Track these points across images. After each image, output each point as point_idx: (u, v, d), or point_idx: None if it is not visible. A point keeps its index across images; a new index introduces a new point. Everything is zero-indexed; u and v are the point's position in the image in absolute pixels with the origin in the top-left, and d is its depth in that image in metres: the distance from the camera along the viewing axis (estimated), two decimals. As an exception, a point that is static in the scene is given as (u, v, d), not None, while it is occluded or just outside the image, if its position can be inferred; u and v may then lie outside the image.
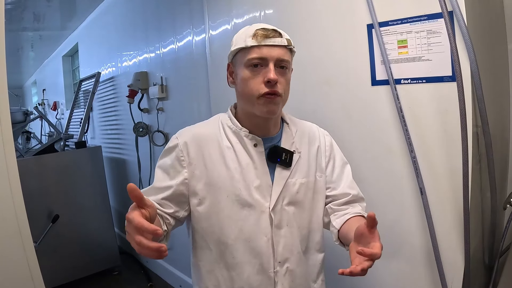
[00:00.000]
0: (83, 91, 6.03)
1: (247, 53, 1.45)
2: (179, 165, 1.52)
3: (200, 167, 1.52)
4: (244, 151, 1.53)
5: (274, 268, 1.51)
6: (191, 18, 3.48)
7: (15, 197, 1.92)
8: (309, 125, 1.74)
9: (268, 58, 1.42)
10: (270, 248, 1.51)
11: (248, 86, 1.46)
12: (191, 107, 3.66)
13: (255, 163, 1.51)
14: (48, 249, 4.15)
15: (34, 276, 1.97)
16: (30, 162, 4.37)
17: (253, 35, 1.44)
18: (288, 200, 1.54)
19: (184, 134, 1.57)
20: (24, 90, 13.56)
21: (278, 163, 1.54)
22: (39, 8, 5.28)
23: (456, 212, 1.79)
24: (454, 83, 1.68)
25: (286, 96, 1.51)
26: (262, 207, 1.50)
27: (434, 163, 1.85)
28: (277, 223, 1.51)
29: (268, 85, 1.42)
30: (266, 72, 1.41)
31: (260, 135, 1.54)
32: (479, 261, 1.98)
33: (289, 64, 1.49)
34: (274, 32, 1.44)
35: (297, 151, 1.59)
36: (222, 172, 1.50)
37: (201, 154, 1.52)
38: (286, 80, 1.48)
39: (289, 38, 1.48)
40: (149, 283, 4.52)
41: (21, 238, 1.94)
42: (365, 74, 2.04)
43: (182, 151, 1.52)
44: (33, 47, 7.84)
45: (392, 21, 1.91)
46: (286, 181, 1.54)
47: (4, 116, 1.88)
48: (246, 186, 1.49)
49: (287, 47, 1.46)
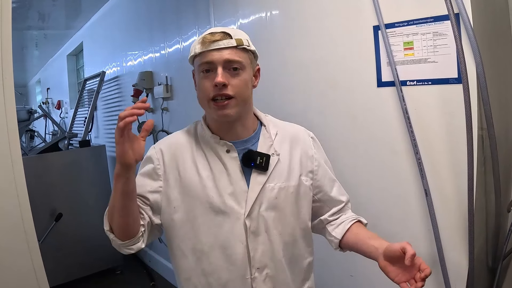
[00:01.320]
0: (88, 90, 6.05)
1: (198, 59, 1.45)
2: (155, 174, 1.52)
3: (174, 175, 1.51)
4: (216, 158, 1.50)
5: (251, 274, 1.48)
6: (196, 18, 3.49)
7: (20, 195, 1.92)
8: (293, 126, 1.68)
9: (215, 62, 1.40)
10: (246, 255, 1.47)
11: (201, 91, 1.46)
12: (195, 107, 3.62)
13: (228, 169, 1.48)
14: (51, 247, 4.15)
15: (38, 273, 1.98)
16: (34, 160, 4.39)
17: (201, 41, 1.43)
18: (266, 206, 1.49)
19: (160, 143, 1.59)
20: (28, 88, 13.61)
21: (252, 168, 1.49)
22: (44, 7, 5.30)
23: (461, 214, 1.79)
24: (459, 85, 1.68)
25: (242, 96, 1.44)
26: (237, 214, 1.46)
27: (439, 165, 1.85)
28: (254, 229, 1.47)
29: (216, 88, 1.40)
30: (215, 76, 1.40)
31: (231, 140, 1.51)
32: (483, 263, 1.98)
33: (243, 63, 1.44)
34: (222, 35, 1.42)
35: (276, 153, 1.53)
36: (195, 180, 1.48)
37: (175, 163, 1.51)
38: (239, 80, 1.43)
39: (241, 38, 1.44)
40: (151, 282, 4.52)
41: (25, 236, 1.94)
42: (371, 75, 2.05)
43: (158, 160, 1.52)
44: (37, 46, 7.86)
45: (398, 23, 1.91)
46: (262, 186, 1.49)
47: (10, 115, 1.89)
48: (219, 194, 1.46)
49: (238, 47, 1.43)
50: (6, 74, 1.87)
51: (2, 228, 1.88)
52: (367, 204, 2.15)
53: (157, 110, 4.36)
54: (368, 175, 2.12)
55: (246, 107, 1.50)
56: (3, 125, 1.87)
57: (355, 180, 2.18)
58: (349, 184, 2.15)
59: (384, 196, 2.06)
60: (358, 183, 2.17)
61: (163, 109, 4.20)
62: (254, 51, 1.50)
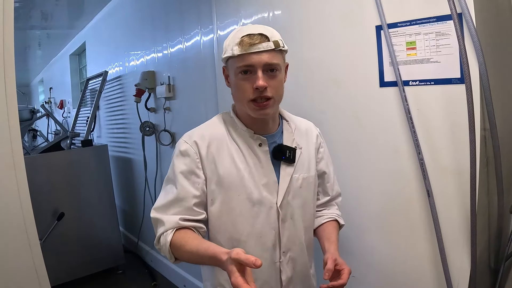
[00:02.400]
0: (90, 89, 6.05)
1: (235, 61, 1.49)
2: (197, 168, 1.55)
3: (211, 167, 1.56)
4: (250, 151, 1.59)
5: (280, 258, 1.61)
6: (199, 18, 3.49)
7: (22, 194, 1.92)
8: (305, 121, 1.81)
9: (255, 65, 1.45)
10: (277, 241, 1.60)
11: (239, 91, 1.52)
12: (198, 107, 3.66)
13: (261, 162, 1.59)
14: (53, 246, 4.17)
15: (39, 273, 1.98)
16: (36, 159, 4.39)
17: (239, 43, 1.46)
18: (292, 195, 1.62)
19: (193, 136, 1.60)
20: (31, 88, 13.64)
21: (283, 161, 1.61)
22: (47, 6, 5.30)
23: (463, 214, 1.79)
24: (462, 85, 1.68)
25: (279, 95, 1.55)
26: (271, 203, 1.58)
27: (441, 165, 1.85)
28: (283, 217, 1.60)
29: (257, 91, 1.46)
30: (255, 79, 1.46)
31: (262, 133, 1.61)
32: (485, 264, 1.97)
33: (279, 65, 1.50)
34: (260, 37, 1.46)
35: (299, 147, 1.66)
36: (233, 172, 1.55)
37: (211, 155, 1.56)
38: (277, 81, 1.51)
39: (277, 40, 1.49)
40: (153, 282, 4.52)
41: (27, 235, 1.94)
42: (374, 75, 2.04)
43: (196, 153, 1.55)
44: (40, 45, 7.87)
45: (401, 23, 1.90)
46: (290, 177, 1.62)
47: (12, 114, 1.89)
48: (255, 185, 1.56)
49: (276, 50, 1.48)
50: (8, 74, 1.87)
51: (4, 227, 1.88)
52: (369, 204, 2.15)
53: (160, 110, 4.37)
54: (370, 175, 2.12)
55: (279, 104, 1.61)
56: (5, 124, 1.87)
57: (357, 180, 2.18)
58: (351, 184, 2.15)
59: (386, 196, 2.06)
60: (360, 182, 2.17)
61: (166, 108, 4.20)
62: (287, 50, 1.56)
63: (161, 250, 1.52)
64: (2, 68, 1.86)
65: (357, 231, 2.18)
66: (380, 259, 2.12)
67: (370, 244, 2.17)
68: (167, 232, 1.49)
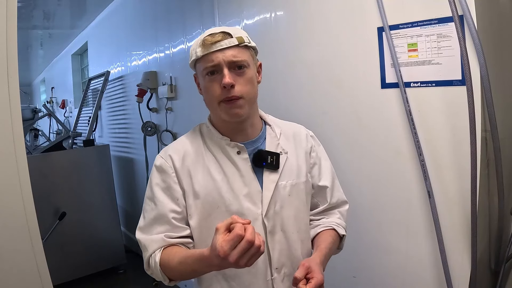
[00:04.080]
0: (92, 89, 6.06)
1: (201, 63, 1.44)
2: (173, 183, 1.48)
3: (187, 181, 1.48)
4: (227, 160, 1.49)
5: (271, 275, 1.48)
6: (201, 18, 3.49)
7: (24, 193, 1.93)
8: (294, 125, 1.69)
9: (220, 63, 1.39)
10: (267, 256, 1.47)
11: (208, 94, 1.45)
12: (200, 107, 3.63)
13: (241, 171, 1.48)
14: (54, 246, 4.18)
15: (41, 272, 1.98)
16: (38, 159, 4.40)
17: (201, 44, 1.42)
18: (280, 204, 1.50)
19: (167, 150, 1.54)
20: (32, 87, 13.65)
21: (264, 167, 1.50)
22: (49, 6, 5.31)
23: (464, 216, 1.79)
24: (463, 87, 1.68)
25: (250, 94, 1.44)
26: (254, 214, 1.45)
27: (442, 166, 1.85)
28: (271, 229, 1.47)
29: (225, 90, 1.39)
30: (221, 78, 1.38)
31: (241, 140, 1.51)
32: (485, 266, 1.97)
33: (247, 61, 1.43)
34: (222, 35, 1.40)
35: (284, 151, 1.54)
36: (209, 184, 1.46)
37: (186, 168, 1.49)
38: (245, 79, 1.42)
39: (241, 36, 1.42)
40: (154, 282, 4.52)
41: (29, 234, 1.95)
42: (375, 76, 2.05)
43: (171, 167, 1.49)
44: (42, 45, 7.88)
45: (402, 24, 1.91)
46: (276, 184, 1.50)
47: (15, 114, 1.90)
48: (234, 196, 1.45)
49: (240, 45, 1.42)
50: (11, 73, 1.88)
51: (6, 227, 1.89)
52: (369, 205, 2.15)
53: (161, 110, 4.37)
54: (371, 176, 2.12)
55: (254, 105, 1.51)
56: (8, 123, 1.87)
57: (358, 181, 2.18)
58: (352, 185, 2.15)
59: (387, 197, 2.06)
60: (361, 183, 2.18)
61: (167, 109, 4.21)
62: (254, 47, 1.49)
63: (153, 273, 1.44)
64: (5, 68, 1.87)
65: (358, 231, 2.18)
66: (380, 260, 2.12)
67: (370, 244, 2.17)
68: (154, 253, 1.42)
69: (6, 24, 1.86)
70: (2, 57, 1.85)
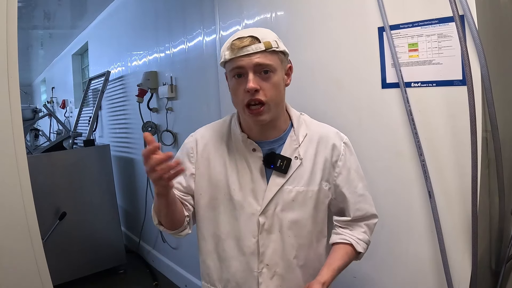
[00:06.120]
0: (92, 89, 6.06)
1: (228, 65, 1.48)
2: (188, 161, 1.64)
3: (204, 164, 1.63)
4: (241, 155, 1.58)
5: (258, 268, 1.56)
6: (201, 18, 3.49)
7: (25, 193, 1.93)
8: (324, 130, 1.67)
9: (245, 67, 1.43)
10: (256, 250, 1.56)
11: (234, 96, 1.52)
12: (200, 107, 3.66)
13: (251, 167, 1.57)
14: (55, 246, 4.17)
15: (41, 272, 1.99)
16: (38, 159, 4.40)
17: (230, 47, 1.45)
18: (282, 207, 1.55)
19: (197, 132, 1.70)
20: (33, 87, 13.66)
21: (273, 169, 1.55)
22: (50, 6, 5.31)
23: (464, 216, 1.79)
24: (464, 87, 1.68)
25: (274, 99, 1.48)
26: (253, 210, 1.55)
27: (443, 167, 1.85)
28: (268, 227, 1.55)
29: (249, 94, 1.44)
30: (247, 82, 1.43)
31: (260, 139, 1.58)
32: (486, 266, 1.97)
33: (273, 66, 1.45)
34: (250, 39, 1.43)
35: (299, 157, 1.56)
36: (222, 172, 1.60)
37: (207, 154, 1.63)
38: (271, 84, 1.46)
39: (268, 40, 1.45)
40: (154, 282, 4.52)
41: (29, 234, 1.95)
42: (376, 76, 2.05)
43: (192, 149, 1.65)
44: (43, 45, 7.88)
45: (403, 25, 1.91)
46: (280, 187, 1.54)
47: (15, 114, 1.90)
48: (240, 188, 1.56)
49: (268, 50, 1.44)
50: (11, 73, 1.88)
51: (6, 226, 1.89)
52: (370, 206, 2.15)
53: (162, 110, 4.37)
54: (372, 176, 2.11)
55: (278, 109, 1.54)
56: (8, 123, 1.88)
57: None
58: (353, 185, 2.14)
59: (387, 197, 2.06)
60: (362, 184, 2.17)
61: (168, 109, 4.20)
62: (284, 51, 1.51)
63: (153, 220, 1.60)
64: (5, 68, 1.87)
65: (359, 232, 2.18)
66: (380, 260, 2.12)
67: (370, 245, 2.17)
68: None
69: (6, 24, 1.86)
70: (2, 57, 1.86)
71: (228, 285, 1.61)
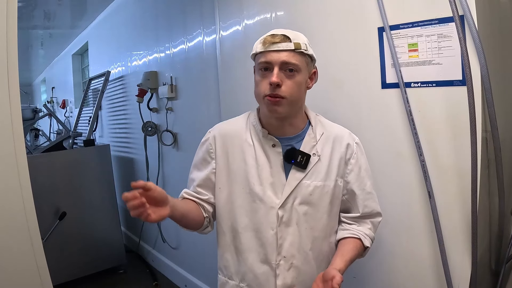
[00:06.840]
0: (92, 89, 6.06)
1: (258, 58, 1.59)
2: (209, 157, 1.72)
3: (223, 160, 1.70)
4: (262, 150, 1.66)
5: (276, 260, 1.63)
6: (201, 18, 3.49)
7: (24, 193, 1.93)
8: (339, 130, 1.76)
9: (272, 62, 1.53)
10: (275, 242, 1.62)
11: (257, 88, 1.60)
12: (200, 107, 3.66)
13: (271, 162, 1.64)
14: (55, 246, 4.18)
15: (41, 272, 1.99)
16: (38, 159, 4.40)
17: (262, 41, 1.56)
18: (300, 200, 1.63)
19: (215, 129, 1.78)
20: (33, 87, 13.66)
21: (293, 164, 1.63)
22: (50, 6, 5.31)
23: (464, 216, 1.79)
24: (464, 87, 1.68)
25: (294, 97, 1.57)
26: (272, 203, 1.62)
27: (442, 167, 1.85)
28: (286, 220, 1.62)
29: (271, 87, 1.53)
30: (271, 76, 1.53)
31: (279, 135, 1.66)
32: (486, 266, 1.97)
33: (299, 66, 1.55)
34: (282, 37, 1.54)
35: (317, 154, 1.65)
36: (241, 166, 1.66)
37: (226, 148, 1.70)
38: (294, 82, 1.55)
39: (299, 42, 1.55)
40: (154, 282, 4.53)
41: (29, 234, 1.95)
42: (375, 77, 2.05)
43: (211, 144, 1.72)
44: (43, 45, 7.88)
45: (403, 25, 1.91)
46: (299, 182, 1.62)
47: (15, 113, 1.90)
48: (260, 182, 1.63)
49: (296, 51, 1.53)
50: (11, 73, 1.88)
51: (6, 226, 1.89)
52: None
53: (162, 110, 4.37)
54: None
55: (296, 107, 1.63)
56: (8, 123, 1.88)
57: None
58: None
59: (387, 197, 2.06)
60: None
61: (168, 109, 4.20)
62: (311, 55, 1.61)
63: None
64: (5, 68, 1.87)
65: (358, 232, 2.18)
66: (380, 260, 2.12)
67: (371, 245, 2.17)
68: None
69: (6, 24, 1.86)
70: (2, 57, 1.86)
71: (245, 278, 1.67)
